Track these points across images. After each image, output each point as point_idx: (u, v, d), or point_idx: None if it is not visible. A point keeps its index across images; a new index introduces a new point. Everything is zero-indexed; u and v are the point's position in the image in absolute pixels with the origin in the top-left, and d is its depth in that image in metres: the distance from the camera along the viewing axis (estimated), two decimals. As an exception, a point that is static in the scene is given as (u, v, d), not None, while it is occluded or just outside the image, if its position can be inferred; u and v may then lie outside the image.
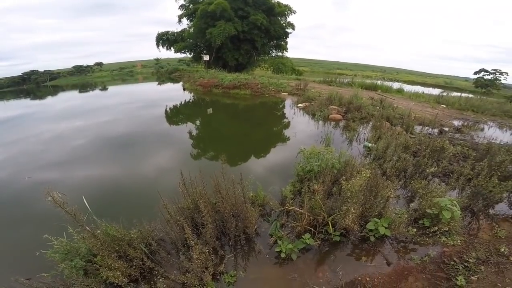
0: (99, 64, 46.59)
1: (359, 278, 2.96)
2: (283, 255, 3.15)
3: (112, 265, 2.64)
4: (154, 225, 3.36)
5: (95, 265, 2.69)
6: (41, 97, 24.25)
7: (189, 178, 3.49)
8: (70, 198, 3.59)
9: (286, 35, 24.17)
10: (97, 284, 2.57)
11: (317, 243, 3.31)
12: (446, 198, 3.59)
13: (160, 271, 2.77)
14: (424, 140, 6.25)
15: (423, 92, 17.44)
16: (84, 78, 39.85)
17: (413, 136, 7.24)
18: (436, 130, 8.36)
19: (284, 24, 23.57)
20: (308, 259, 3.25)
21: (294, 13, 23.48)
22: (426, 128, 8.44)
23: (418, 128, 8.26)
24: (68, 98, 22.07)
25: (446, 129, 8.49)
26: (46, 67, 42.46)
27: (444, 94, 16.92)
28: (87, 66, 44.62)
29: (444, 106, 13.23)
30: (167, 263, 3.07)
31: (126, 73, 41.78)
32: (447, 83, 38.72)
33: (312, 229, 3.45)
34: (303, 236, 3.31)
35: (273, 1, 22.34)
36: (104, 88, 26.44)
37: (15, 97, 25.52)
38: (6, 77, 39.36)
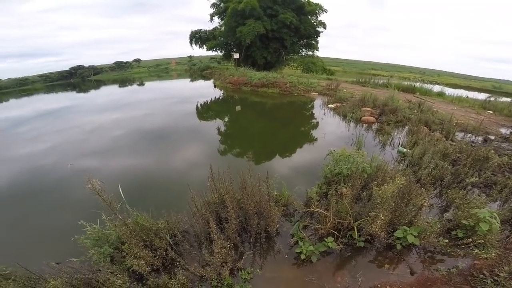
0: (138, 60, 49.32)
1: (379, 285, 2.84)
2: (302, 257, 3.10)
3: (138, 253, 2.76)
4: (181, 216, 3.49)
5: (122, 252, 2.83)
6: (86, 90, 26.36)
7: (217, 173, 3.56)
8: (107, 186, 3.89)
9: (317, 34, 23.55)
10: (121, 271, 2.69)
11: (340, 247, 3.22)
12: (486, 209, 3.31)
13: (181, 263, 2.86)
14: (465, 148, 5.76)
15: (467, 96, 16.00)
16: (124, 73, 42.54)
17: (454, 143, 6.70)
18: (480, 138, 7.65)
19: (314, 23, 22.99)
20: (328, 263, 3.17)
21: (326, 12, 22.84)
22: (469, 135, 7.76)
23: (459, 135, 7.63)
24: (109, 92, 23.74)
25: (492, 137, 7.74)
26: (90, 63, 45.94)
27: (492, 99, 15.39)
28: (127, 62, 47.55)
29: (491, 112, 12.05)
30: (188, 255, 3.16)
31: (162, 69, 43.79)
32: (496, 87, 35.15)
33: (336, 233, 3.35)
34: (325, 239, 3.24)
35: (303, 0, 21.94)
36: (141, 84, 28.00)
37: (63, 90, 28.02)
38: (56, 71, 43.17)
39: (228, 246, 2.95)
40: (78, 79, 40.36)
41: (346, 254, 3.29)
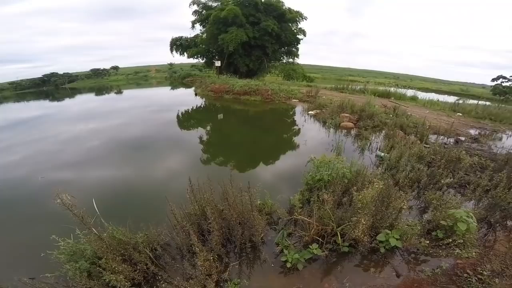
0: (115, 68, 47.89)
1: (367, 290, 2.87)
2: (288, 265, 3.07)
3: (116, 268, 2.64)
4: (160, 229, 3.37)
5: (99, 267, 2.70)
6: (59, 99, 25.13)
7: (197, 184, 3.48)
8: (80, 199, 3.66)
9: (298, 41, 24.11)
10: (99, 286, 2.57)
11: (325, 253, 3.23)
12: (462, 209, 3.46)
13: (164, 276, 2.75)
14: (439, 150, 6.05)
15: (438, 100, 16.96)
16: (101, 81, 41.13)
17: (428, 145, 7.02)
18: (451, 140, 8.09)
19: (295, 31, 23.54)
20: (314, 269, 3.16)
21: (306, 20, 23.46)
22: (441, 137, 8.17)
23: (433, 138, 8.01)
24: (85, 101, 22.79)
25: (463, 138, 8.21)
26: (66, 70, 44.23)
27: (460, 101, 16.40)
28: (104, 69, 45.96)
29: (460, 114, 12.82)
30: (171, 268, 3.05)
31: (141, 77, 42.84)
32: (463, 90, 37.49)
33: (320, 239, 3.37)
34: (310, 246, 3.24)
35: (284, 8, 22.39)
36: (119, 92, 27.15)
37: (35, 98, 26.57)
38: (28, 79, 40.93)
39: (212, 258, 2.87)
40: (52, 87, 38.44)
41: (331, 260, 3.29)
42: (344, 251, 3.30)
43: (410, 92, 17.99)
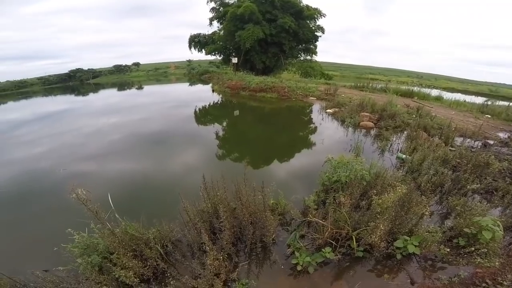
0: (137, 64, 49.30)
1: (379, 297, 2.74)
2: (299, 268, 2.99)
3: (126, 264, 2.66)
4: (173, 226, 3.38)
5: (110, 262, 2.73)
6: (84, 93, 26.25)
7: (211, 181, 3.46)
8: (97, 193, 3.76)
9: (316, 38, 23.61)
10: (109, 281, 2.59)
11: (338, 257, 3.11)
12: (488, 217, 3.22)
13: (173, 274, 2.75)
14: (465, 154, 5.69)
15: (464, 101, 16.05)
16: (123, 77, 42.52)
17: (453, 148, 6.63)
18: (479, 143, 7.60)
19: (313, 28, 23.03)
20: (325, 273, 3.05)
21: (324, 17, 22.92)
22: (468, 140, 7.70)
23: (459, 140, 7.56)
24: (107, 96, 23.67)
25: (491, 142, 7.68)
26: (90, 66, 45.95)
27: (489, 103, 15.42)
28: (126, 65, 47.50)
29: (489, 116, 12.03)
30: (181, 265, 3.05)
31: (161, 73, 43.83)
32: (492, 91, 35.17)
33: (334, 243, 3.24)
34: (323, 249, 3.12)
35: (301, 5, 21.96)
36: (140, 88, 27.93)
37: (62, 93, 27.97)
38: (55, 74, 43.15)
39: (222, 257, 2.83)
40: (77, 82, 40.32)
41: (344, 264, 3.18)
42: (358, 255, 3.17)
43: (434, 92, 17.13)
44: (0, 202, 5.03)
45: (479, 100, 18.03)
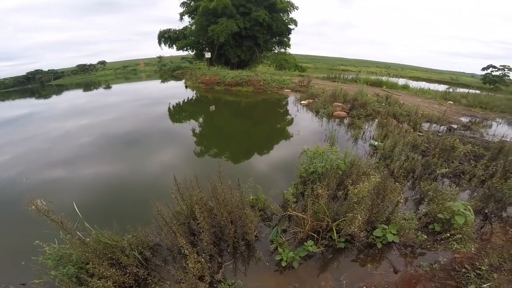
0: (103, 62, 46.61)
1: (364, 287, 2.80)
2: (283, 264, 2.97)
3: (104, 273, 2.50)
4: (148, 231, 3.22)
5: (86, 273, 2.57)
6: (46, 96, 24.30)
7: (185, 181, 3.32)
8: (65, 201, 3.47)
9: (289, 31, 23.74)
10: None
11: (320, 249, 3.13)
12: (459, 202, 3.38)
13: (154, 280, 2.62)
14: (433, 139, 6.00)
15: (429, 88, 17.00)
16: (88, 77, 39.94)
17: (421, 134, 6.98)
18: (444, 128, 8.08)
19: (286, 21, 23.11)
20: (310, 267, 3.07)
21: (297, 9, 23.05)
22: (434, 125, 8.16)
23: (426, 126, 7.98)
24: (73, 97, 22.09)
25: (455, 126, 8.21)
26: (52, 66, 42.69)
27: (451, 90, 16.49)
28: (91, 65, 44.68)
29: (451, 102, 12.87)
30: (162, 271, 2.92)
31: (130, 71, 41.74)
32: (453, 79, 37.68)
33: (315, 235, 3.27)
34: (305, 243, 3.13)
35: (275, -2, 21.94)
36: (108, 87, 26.41)
37: (20, 97, 25.66)
38: (11, 77, 39.59)
39: (203, 259, 2.74)
40: (37, 84, 37.22)
41: (327, 256, 3.21)
42: (340, 247, 3.22)
43: (401, 81, 17.98)
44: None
45: (442, 87, 19.21)
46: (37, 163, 6.65)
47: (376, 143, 6.30)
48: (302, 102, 11.74)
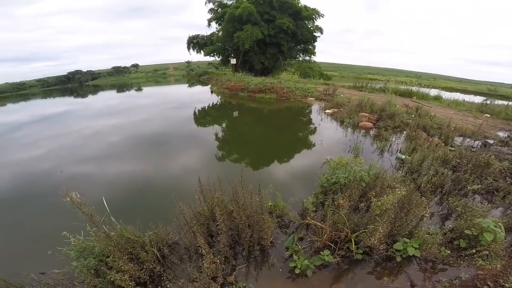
0: (135, 65, 49.24)
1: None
2: (297, 271, 2.94)
3: (122, 267, 2.61)
4: (169, 229, 3.33)
5: (106, 266, 2.69)
6: (83, 95, 26.22)
7: (207, 183, 3.42)
8: (93, 196, 3.71)
9: (314, 39, 23.67)
10: (104, 284, 2.55)
11: (337, 260, 3.06)
12: (490, 218, 3.17)
13: (169, 277, 2.71)
14: (465, 154, 5.65)
15: (463, 100, 16.03)
16: (122, 78, 42.48)
17: (453, 148, 6.60)
18: (479, 143, 7.56)
19: (311, 28, 23.10)
20: (324, 276, 3.00)
21: (322, 17, 23.01)
22: (468, 140, 7.67)
23: (458, 140, 7.53)
24: (107, 98, 23.62)
25: (491, 141, 7.64)
26: (88, 68, 45.95)
27: (488, 102, 15.40)
28: (125, 67, 47.45)
29: (488, 115, 12.02)
30: (177, 269, 3.01)
31: (160, 75, 43.80)
32: (491, 90, 35.16)
33: (333, 245, 3.20)
34: (322, 252, 3.08)
35: (300, 5, 22.02)
36: (139, 89, 27.90)
37: (61, 95, 27.89)
38: (53, 76, 43.11)
39: (218, 260, 2.79)
40: (76, 84, 40.28)
41: (343, 266, 3.13)
42: (357, 258, 3.13)
43: (433, 92, 17.13)
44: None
45: (478, 99, 18.03)
46: (71, 158, 7.16)
47: (403, 156, 6.05)
48: (327, 111, 11.58)
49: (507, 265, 2.99)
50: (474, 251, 3.07)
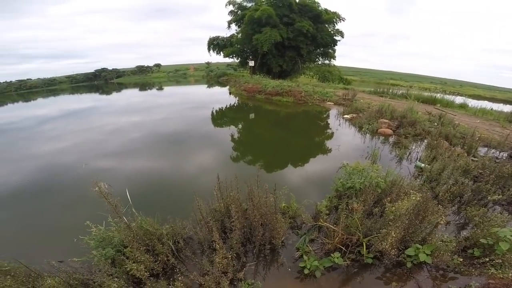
0: (158, 65, 50.85)
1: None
2: (306, 271, 2.99)
3: (139, 258, 2.76)
4: (185, 223, 3.48)
5: (124, 255, 2.84)
6: (108, 92, 27.51)
7: (225, 181, 3.55)
8: (115, 189, 3.94)
9: (334, 42, 23.34)
10: (120, 274, 2.70)
11: (346, 263, 3.08)
12: (507, 228, 3.09)
13: (182, 270, 2.83)
14: (489, 165, 5.43)
15: (491, 109, 15.22)
16: (144, 77, 44.05)
17: (476, 159, 6.34)
18: (505, 154, 7.21)
19: (332, 32, 22.80)
20: (332, 278, 3.03)
21: (343, 21, 22.65)
22: (493, 150, 7.33)
23: (482, 151, 7.22)
24: (130, 95, 24.64)
25: (518, 153, 7.27)
26: (113, 66, 47.98)
27: (518, 111, 14.54)
28: (148, 66, 49.15)
29: (518, 126, 11.39)
30: (190, 262, 3.13)
31: (180, 75, 45.01)
32: (521, 98, 33.24)
33: (344, 248, 3.22)
34: (332, 255, 3.10)
35: (320, 9, 21.83)
36: (160, 88, 28.84)
37: (87, 91, 29.43)
38: (81, 73, 45.47)
39: (230, 256, 2.89)
40: (102, 81, 42.28)
41: (352, 270, 3.14)
42: (367, 262, 3.13)
43: (459, 99, 16.42)
44: (24, 192, 5.36)
45: (508, 108, 17.09)
46: (95, 152, 7.60)
47: (422, 165, 5.90)
48: (345, 116, 11.43)
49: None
50: (487, 259, 3.01)
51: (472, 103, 16.63)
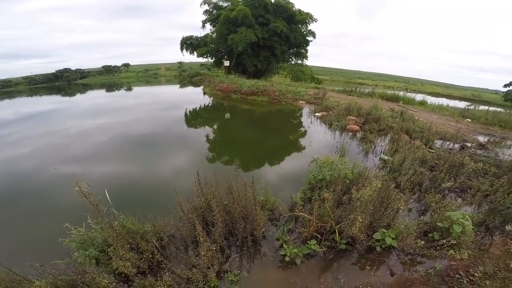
0: (126, 65, 48.66)
1: (360, 286, 2.99)
2: (287, 259, 3.22)
3: (124, 255, 2.80)
4: (167, 220, 3.54)
5: (107, 255, 2.87)
6: (71, 94, 25.83)
7: (204, 178, 3.65)
8: (93, 190, 3.86)
9: (307, 43, 24.11)
10: (107, 273, 2.71)
11: (323, 250, 3.35)
12: (458, 212, 3.53)
13: (168, 265, 2.91)
14: (443, 155, 6.08)
15: (447, 105, 16.78)
16: (112, 78, 41.92)
17: (432, 150, 7.04)
18: (457, 145, 8.06)
19: (304, 32, 23.53)
20: (311, 265, 3.29)
21: (316, 22, 23.47)
22: (447, 143, 8.17)
23: (438, 143, 8.01)
24: (96, 97, 23.35)
25: (469, 144, 8.17)
26: (79, 66, 45.05)
27: (471, 107, 16.18)
28: (115, 66, 46.80)
29: (469, 120, 12.70)
30: (175, 258, 3.22)
31: (151, 75, 43.50)
32: (475, 95, 36.78)
33: (319, 236, 3.49)
34: (309, 242, 3.36)
35: (294, 9, 22.43)
36: (129, 89, 27.69)
37: (48, 93, 27.36)
38: (41, 74, 42.09)
39: (214, 249, 3.02)
40: (64, 82, 39.50)
41: (329, 256, 3.42)
42: (341, 248, 3.42)
43: (419, 97, 17.85)
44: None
45: (462, 104, 18.87)
46: (61, 157, 7.20)
47: (386, 157, 6.44)
48: (316, 114, 11.97)
49: (477, 256, 3.35)
50: (444, 241, 3.41)
51: (431, 100, 18.15)
